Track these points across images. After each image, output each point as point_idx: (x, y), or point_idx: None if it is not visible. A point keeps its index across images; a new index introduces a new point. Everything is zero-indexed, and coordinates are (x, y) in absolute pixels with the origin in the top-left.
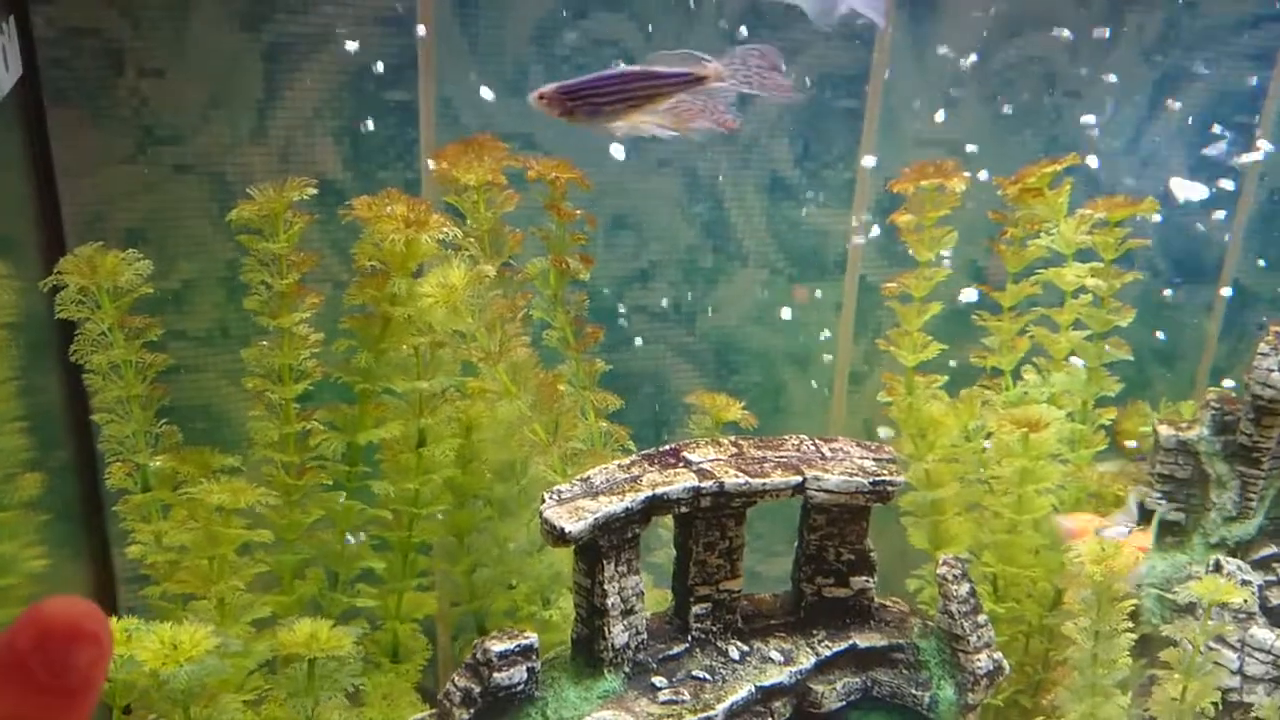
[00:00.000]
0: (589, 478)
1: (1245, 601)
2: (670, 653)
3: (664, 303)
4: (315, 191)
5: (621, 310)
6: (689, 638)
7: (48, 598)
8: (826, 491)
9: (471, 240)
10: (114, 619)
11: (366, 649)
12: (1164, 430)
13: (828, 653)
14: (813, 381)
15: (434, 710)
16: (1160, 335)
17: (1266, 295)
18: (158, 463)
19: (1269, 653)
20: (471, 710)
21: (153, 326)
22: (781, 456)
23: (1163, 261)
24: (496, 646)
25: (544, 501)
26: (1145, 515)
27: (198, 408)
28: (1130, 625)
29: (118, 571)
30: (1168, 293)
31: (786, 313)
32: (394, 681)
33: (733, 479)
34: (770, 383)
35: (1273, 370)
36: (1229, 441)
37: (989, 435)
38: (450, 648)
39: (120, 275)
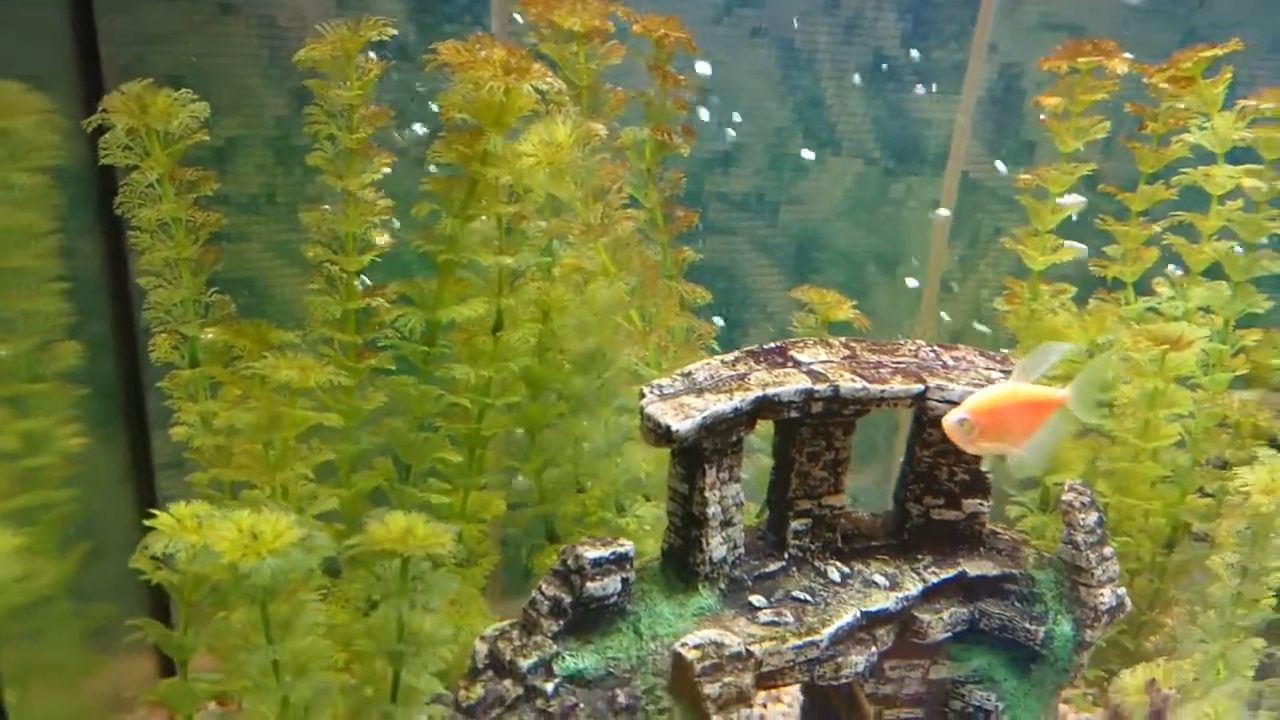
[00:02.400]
0: (690, 373)
1: None
2: (766, 570)
3: (745, 189)
4: (394, 33)
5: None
6: (786, 555)
7: None
8: (950, 403)
9: (570, 97)
10: (172, 504)
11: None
12: None
13: (935, 579)
14: (908, 280)
15: (515, 620)
16: None
17: None
18: (209, 335)
19: None
20: (562, 622)
21: (207, 179)
22: (899, 362)
23: None
24: (590, 553)
25: (644, 396)
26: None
27: (240, 280)
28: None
29: (155, 455)
30: None
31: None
32: (461, 586)
33: (848, 383)
34: (854, 284)
35: None
36: None
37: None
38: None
39: (173, 118)
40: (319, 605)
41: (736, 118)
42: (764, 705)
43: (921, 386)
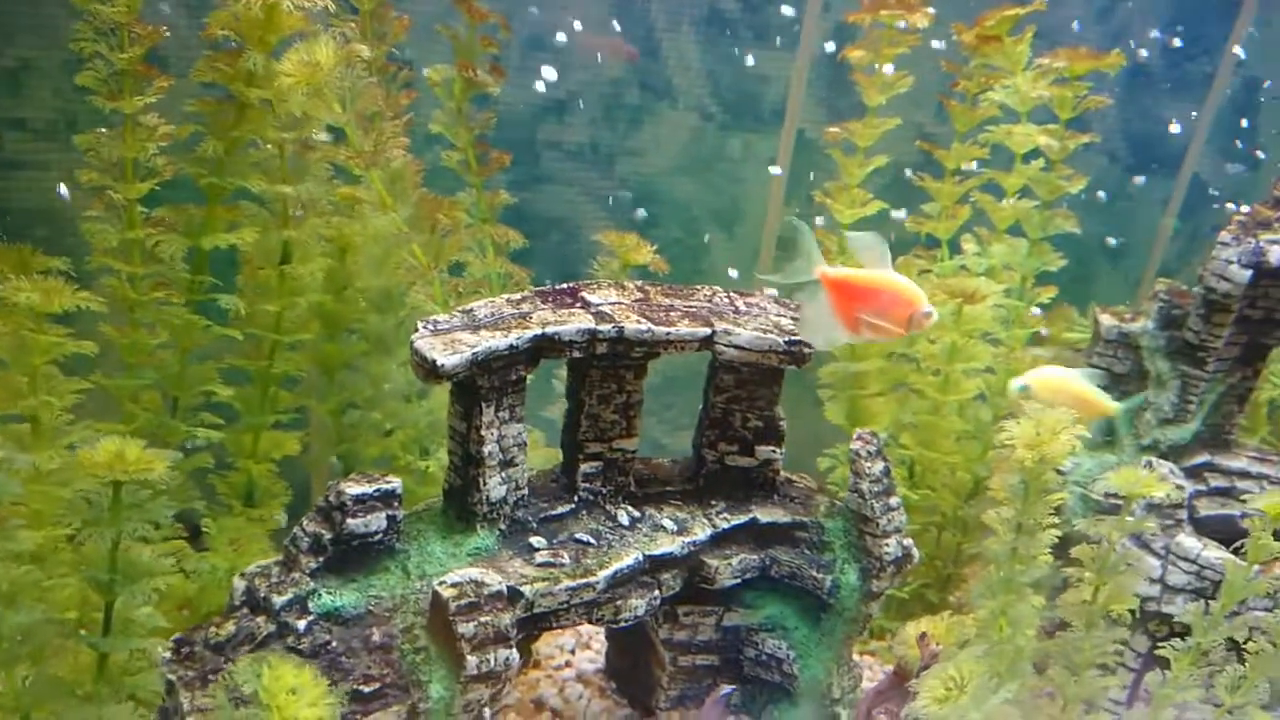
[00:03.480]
0: (472, 310)
1: (1170, 500)
2: (553, 512)
3: (580, 140)
4: None
5: (533, 144)
6: (575, 498)
7: None
8: (737, 348)
9: (351, 23)
10: None
11: (218, 488)
12: (1105, 320)
13: (725, 525)
14: (737, 239)
15: (278, 558)
16: (1109, 234)
17: (1228, 192)
18: None
19: (1193, 562)
20: (320, 559)
21: None
22: (690, 306)
23: (1123, 147)
24: (352, 489)
25: (416, 330)
26: None
27: (37, 211)
28: (1055, 520)
29: None
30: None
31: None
32: (244, 526)
33: (634, 325)
34: (692, 239)
35: (1231, 262)
36: (1174, 338)
37: None
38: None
39: None
40: (27, 531)
41: (562, 67)
42: (571, 652)
43: (709, 330)
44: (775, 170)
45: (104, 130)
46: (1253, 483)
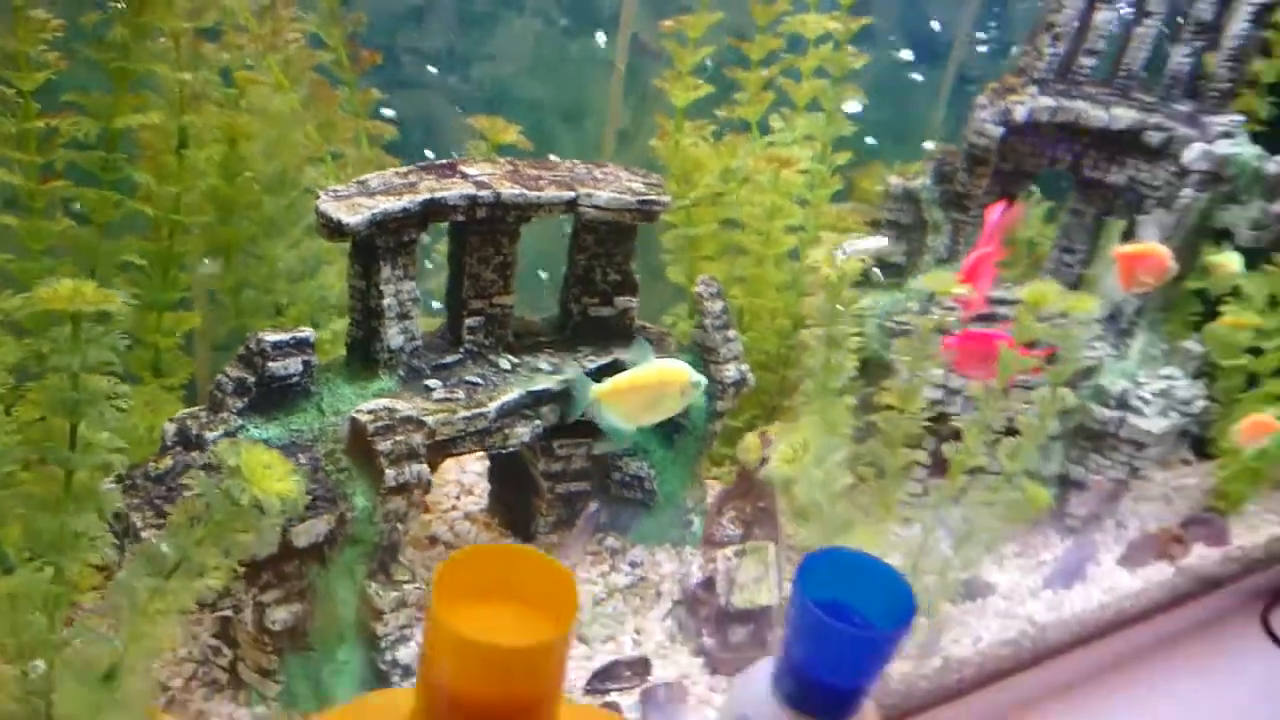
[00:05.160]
0: (365, 180)
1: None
2: (443, 361)
3: (438, 45)
4: None
5: (394, 49)
6: (462, 349)
7: None
8: (597, 208)
9: None
10: None
11: (127, 364)
12: (893, 180)
13: (592, 365)
14: (584, 133)
15: (203, 406)
16: (896, 116)
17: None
18: None
19: None
20: (245, 399)
21: None
22: (556, 175)
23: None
24: (271, 337)
25: (318, 197)
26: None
27: None
28: (858, 331)
29: None
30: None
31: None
32: (157, 392)
33: (509, 190)
34: (541, 136)
35: (986, 121)
36: (946, 190)
37: (746, 179)
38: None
39: None
40: None
41: None
42: (457, 498)
43: (573, 194)
44: (620, 67)
45: None
46: (1008, 308)
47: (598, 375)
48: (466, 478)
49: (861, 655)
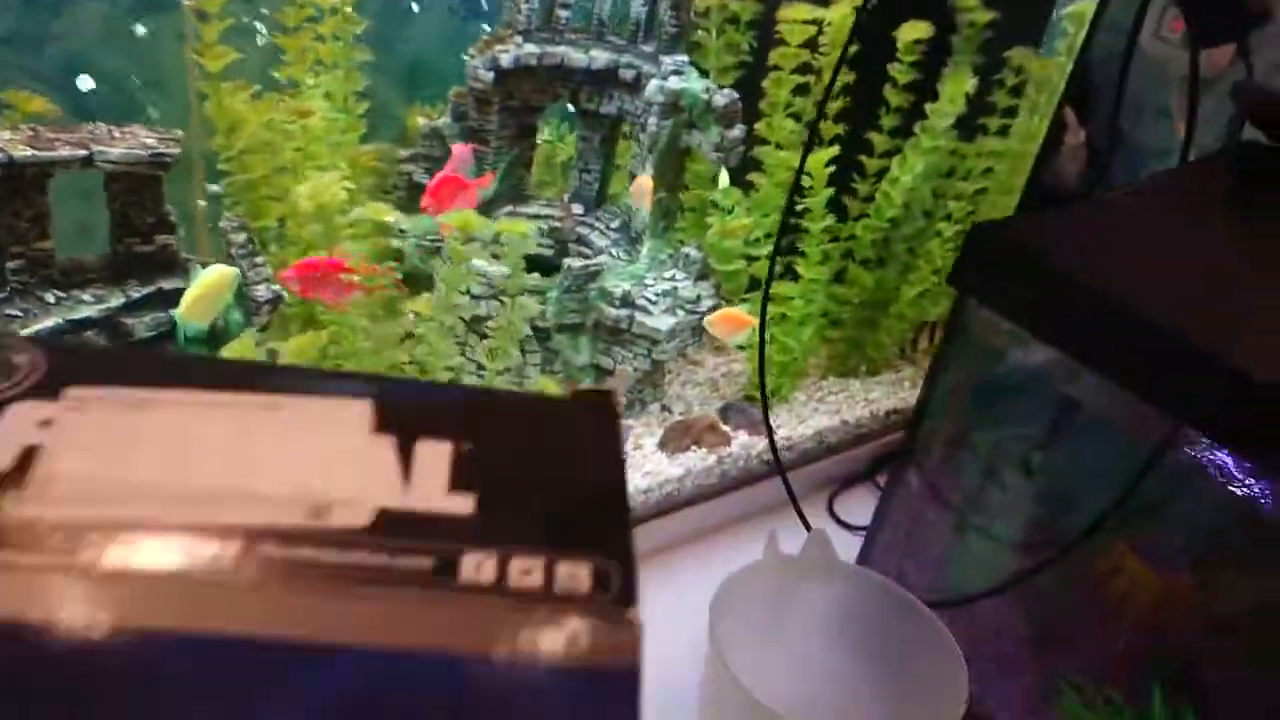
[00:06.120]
0: None
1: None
2: None
3: (11, 27)
4: None
5: None
6: (8, 289)
7: None
8: (112, 162)
9: None
10: None
11: None
12: (421, 120)
13: (137, 295)
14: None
15: None
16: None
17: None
18: None
19: (484, 276)
20: None
21: None
22: (75, 138)
23: None
24: None
25: None
26: (413, 188)
27: None
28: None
29: None
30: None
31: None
32: None
33: (21, 152)
34: (126, 105)
35: (479, 68)
36: (465, 127)
37: (283, 130)
38: None
39: None
40: None
41: None
42: None
43: (87, 152)
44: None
45: None
46: (543, 221)
47: (142, 303)
48: None
49: None
